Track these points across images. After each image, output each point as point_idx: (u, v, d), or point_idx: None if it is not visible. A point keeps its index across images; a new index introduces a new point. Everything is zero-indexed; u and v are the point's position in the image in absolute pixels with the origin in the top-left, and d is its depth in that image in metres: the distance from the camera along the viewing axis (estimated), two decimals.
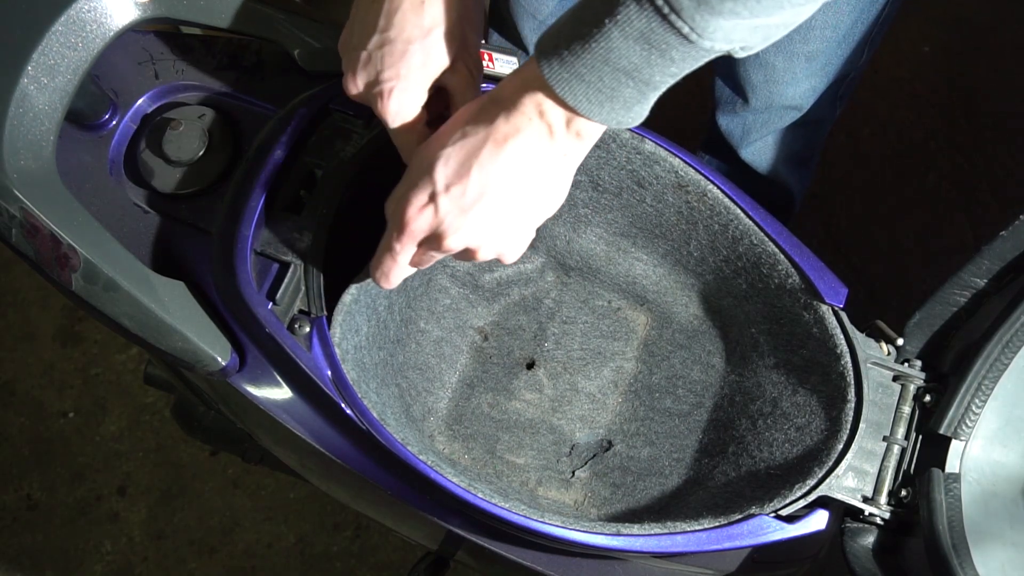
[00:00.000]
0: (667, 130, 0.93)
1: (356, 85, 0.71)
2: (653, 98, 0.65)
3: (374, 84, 0.70)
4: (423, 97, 0.71)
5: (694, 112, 1.65)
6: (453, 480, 0.77)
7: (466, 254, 0.70)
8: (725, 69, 1.22)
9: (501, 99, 0.66)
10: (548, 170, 0.67)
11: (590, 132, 0.66)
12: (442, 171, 0.66)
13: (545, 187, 0.68)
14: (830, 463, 0.83)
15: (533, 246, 1.01)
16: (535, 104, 0.65)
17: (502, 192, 0.66)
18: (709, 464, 0.93)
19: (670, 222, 0.93)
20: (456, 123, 0.68)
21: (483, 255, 0.70)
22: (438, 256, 0.71)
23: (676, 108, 1.76)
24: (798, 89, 1.17)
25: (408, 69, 0.69)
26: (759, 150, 1.29)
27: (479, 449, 0.96)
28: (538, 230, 0.99)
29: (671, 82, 0.64)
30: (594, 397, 0.99)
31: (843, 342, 0.86)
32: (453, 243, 0.68)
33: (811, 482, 0.82)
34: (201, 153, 0.82)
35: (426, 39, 0.69)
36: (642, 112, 0.65)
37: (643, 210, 0.94)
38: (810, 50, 1.10)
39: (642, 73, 0.62)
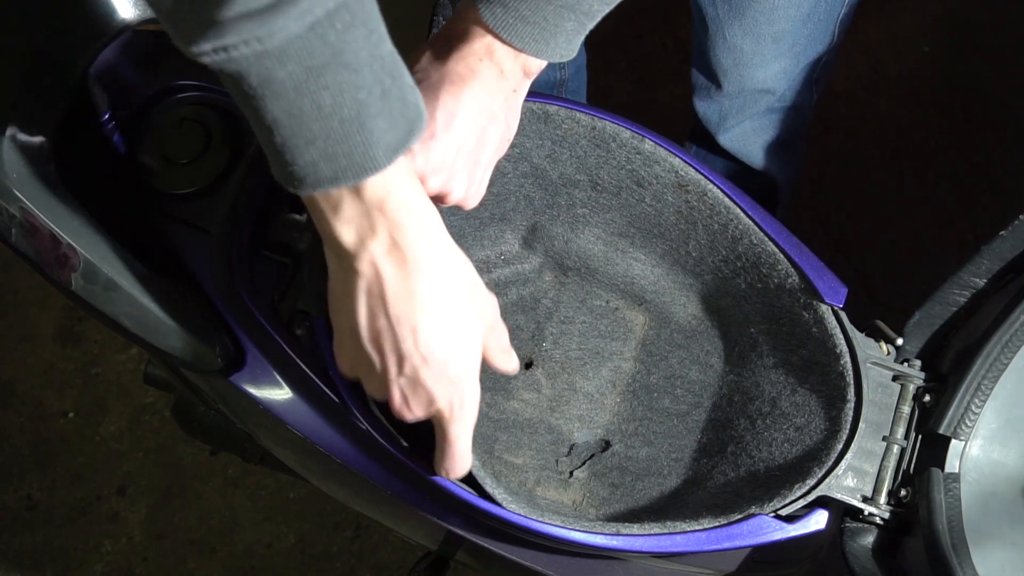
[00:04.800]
0: (666, 129, 0.93)
1: (412, 412, 0.66)
2: (590, 28, 0.68)
3: (436, 404, 0.65)
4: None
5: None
6: (452, 480, 0.77)
7: (437, 199, 0.71)
8: (697, 55, 1.23)
9: (451, 42, 0.69)
10: (501, 106, 0.70)
11: (535, 67, 0.70)
12: None
13: (499, 123, 0.71)
14: (830, 463, 0.83)
15: (531, 246, 1.01)
16: (484, 46, 0.68)
17: (465, 131, 0.69)
18: (708, 464, 0.93)
19: (669, 222, 0.93)
20: (409, 69, 0.70)
21: (453, 197, 0.71)
22: None
23: (676, 106, 1.76)
24: (768, 71, 1.17)
25: (470, 375, 0.65)
26: (737, 136, 1.30)
27: (477, 449, 0.96)
28: (536, 229, 0.99)
29: (607, 10, 0.68)
30: (592, 397, 0.99)
31: (843, 342, 0.86)
32: (430, 184, 0.69)
33: (811, 482, 0.82)
34: (201, 153, 0.82)
35: (464, 343, 0.63)
36: (579, 44, 0.69)
37: (642, 210, 0.94)
38: (776, 31, 1.12)
39: (582, 4, 0.66)
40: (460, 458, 0.69)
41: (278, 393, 0.80)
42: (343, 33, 0.51)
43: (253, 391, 0.79)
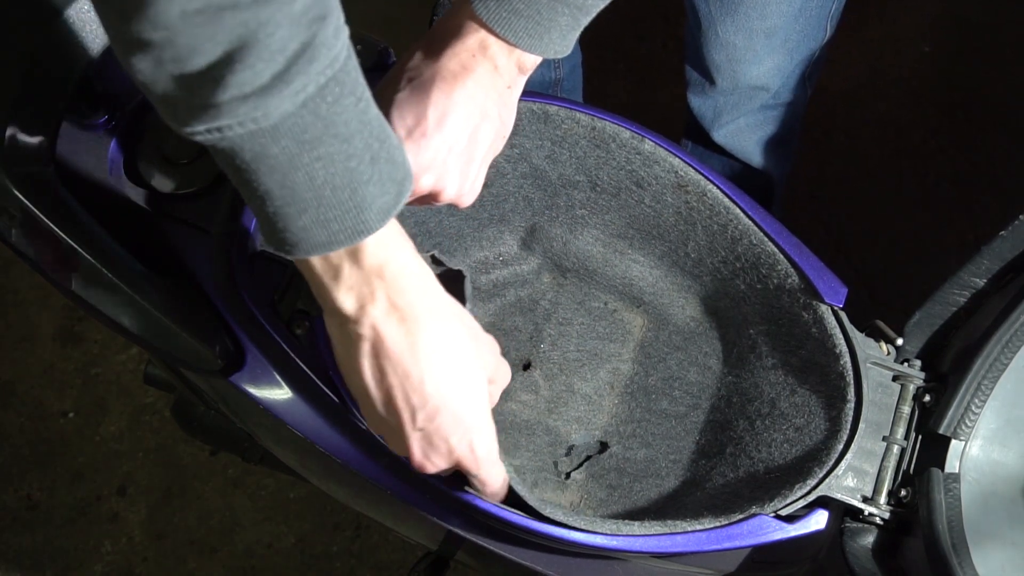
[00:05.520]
0: (665, 129, 0.93)
1: (434, 464, 0.67)
2: (584, 23, 0.68)
3: (455, 453, 0.66)
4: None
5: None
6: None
7: (430, 197, 0.72)
8: (691, 51, 1.23)
9: (444, 39, 0.68)
10: (495, 103, 0.70)
11: (530, 63, 0.70)
12: (399, 120, 0.68)
13: (493, 120, 0.70)
14: (830, 463, 0.83)
15: (529, 247, 1.01)
16: (478, 41, 0.67)
17: (458, 129, 0.68)
18: (706, 465, 0.93)
19: (668, 223, 0.93)
20: (401, 68, 0.69)
21: (446, 195, 0.71)
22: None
23: (676, 107, 1.76)
24: (761, 68, 1.18)
25: (482, 416, 0.66)
26: (732, 133, 1.30)
27: None
28: (535, 231, 0.99)
29: (601, 5, 0.67)
30: (590, 398, 0.98)
31: (842, 342, 0.86)
32: (423, 183, 0.69)
33: (811, 482, 0.82)
34: (201, 153, 0.82)
35: (471, 388, 0.64)
36: (573, 39, 0.68)
37: (641, 211, 0.94)
38: (768, 26, 1.12)
39: None
40: (497, 491, 0.72)
41: (278, 393, 0.80)
42: (333, 105, 0.52)
43: (253, 391, 0.79)
